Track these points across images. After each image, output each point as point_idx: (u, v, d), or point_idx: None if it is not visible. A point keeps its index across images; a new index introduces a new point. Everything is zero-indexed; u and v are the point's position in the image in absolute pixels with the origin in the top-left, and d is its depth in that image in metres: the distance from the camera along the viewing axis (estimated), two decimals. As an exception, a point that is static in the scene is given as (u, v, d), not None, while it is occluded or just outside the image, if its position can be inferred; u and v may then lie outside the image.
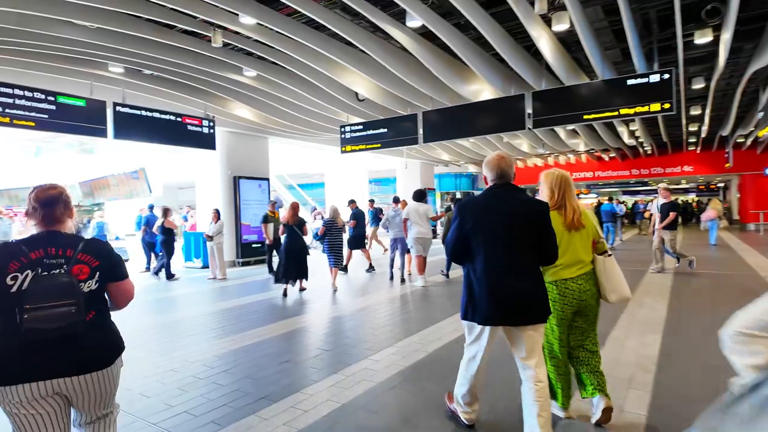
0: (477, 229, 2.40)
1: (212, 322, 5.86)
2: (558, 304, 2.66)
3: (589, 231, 2.71)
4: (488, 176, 2.54)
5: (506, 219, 2.39)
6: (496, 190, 2.50)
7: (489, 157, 2.55)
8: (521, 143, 17.30)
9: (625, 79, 7.33)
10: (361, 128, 10.32)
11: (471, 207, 2.49)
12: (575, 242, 2.66)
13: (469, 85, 9.16)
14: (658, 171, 22.99)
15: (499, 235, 2.37)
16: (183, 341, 4.93)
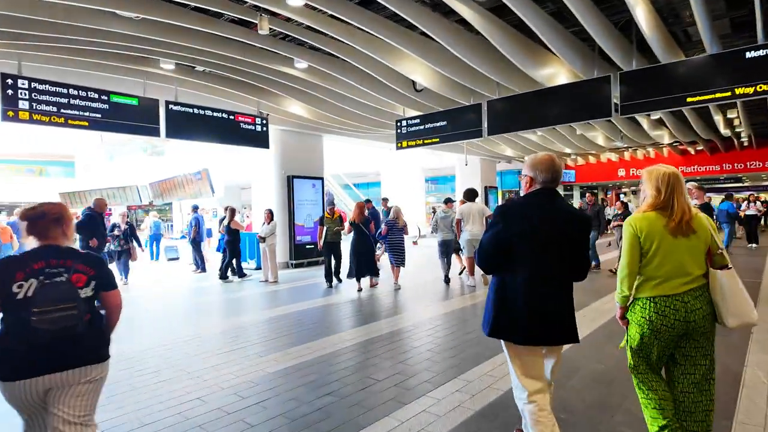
0: (525, 236, 2.17)
1: (256, 334, 5.34)
2: (655, 326, 2.17)
3: (702, 239, 2.21)
4: (537, 177, 2.26)
5: (559, 227, 2.20)
6: (545, 194, 2.25)
7: (540, 155, 2.28)
8: (596, 135, 15.71)
9: (743, 51, 5.99)
10: (419, 122, 9.54)
11: (518, 211, 2.25)
12: (681, 250, 2.18)
13: (543, 68, 8.08)
14: (755, 165, 20.26)
15: (548, 244, 2.17)
16: (219, 359, 4.41)
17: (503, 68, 8.11)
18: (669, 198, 2.22)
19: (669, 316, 2.16)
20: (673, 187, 2.23)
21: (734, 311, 2.18)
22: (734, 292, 2.19)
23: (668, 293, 2.17)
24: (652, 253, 2.20)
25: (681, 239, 2.17)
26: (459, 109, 9.07)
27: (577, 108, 7.52)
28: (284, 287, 8.64)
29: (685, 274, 2.18)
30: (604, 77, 7.13)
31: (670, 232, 2.17)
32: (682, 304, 2.15)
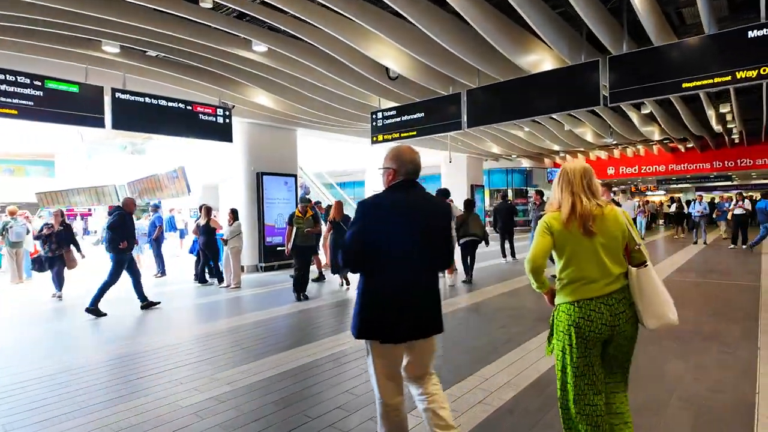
0: (391, 230, 2.11)
1: (209, 348, 4.62)
2: (583, 331, 2.04)
3: (615, 236, 2.08)
4: (400, 169, 2.20)
5: (423, 219, 2.17)
6: (408, 186, 2.20)
7: (401, 147, 2.24)
8: (585, 132, 15.15)
9: (745, 30, 5.38)
10: (395, 113, 8.85)
11: (381, 205, 2.17)
12: (598, 250, 2.05)
13: (527, 54, 7.44)
14: (745, 163, 19.91)
15: (414, 237, 2.13)
16: (163, 379, 3.70)
17: (484, 54, 7.46)
18: (569, 205, 2.07)
19: (595, 320, 2.03)
20: (563, 186, 2.12)
21: (652, 312, 2.06)
22: (652, 291, 2.06)
23: (592, 296, 2.04)
24: (569, 254, 2.08)
25: (596, 238, 2.04)
26: (437, 99, 8.40)
27: (564, 97, 6.88)
28: (248, 293, 7.91)
29: (607, 274, 2.05)
30: (592, 62, 6.50)
31: (582, 232, 2.04)
32: (607, 307, 2.04)
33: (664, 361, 3.87)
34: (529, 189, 26.54)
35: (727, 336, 4.52)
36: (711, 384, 3.35)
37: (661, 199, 31.65)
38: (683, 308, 5.76)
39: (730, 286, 7.18)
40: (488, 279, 8.47)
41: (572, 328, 2.05)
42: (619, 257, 2.10)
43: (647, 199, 19.32)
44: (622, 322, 2.06)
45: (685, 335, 4.59)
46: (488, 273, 9.19)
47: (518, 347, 4.29)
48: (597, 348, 2.07)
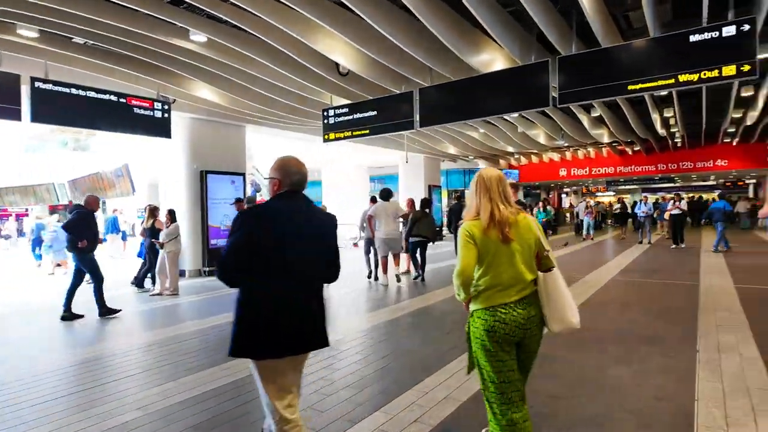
0: (274, 241, 2.01)
1: (128, 365, 4.17)
2: (498, 335, 2.08)
3: (529, 242, 2.15)
4: (284, 180, 2.14)
5: (309, 229, 2.12)
6: (293, 196, 2.14)
7: (287, 157, 2.19)
8: (538, 134, 15.41)
9: (687, 34, 5.45)
10: (347, 111, 8.56)
11: (265, 215, 2.08)
12: (515, 256, 2.10)
13: (479, 53, 7.35)
14: (687, 166, 20.95)
15: (300, 248, 2.07)
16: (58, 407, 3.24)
17: (436, 52, 7.30)
18: (488, 213, 2.09)
19: (510, 323, 2.08)
20: (480, 193, 2.14)
21: (558, 316, 2.14)
22: (558, 296, 2.15)
23: (506, 301, 2.09)
24: (489, 261, 2.09)
25: (513, 247, 2.09)
26: (390, 97, 8.18)
27: (514, 97, 6.81)
28: (185, 300, 7.40)
29: (521, 280, 2.11)
30: (542, 62, 6.45)
31: (500, 239, 2.08)
32: (521, 312, 2.09)
33: (608, 366, 3.79)
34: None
35: (668, 338, 4.52)
36: (653, 391, 3.28)
37: (610, 200, 33.00)
38: (628, 310, 5.82)
39: (671, 286, 7.35)
40: (440, 281, 8.33)
41: (488, 333, 2.08)
42: (532, 263, 2.17)
43: (593, 200, 19.87)
44: (533, 325, 2.13)
45: (629, 338, 4.57)
46: (442, 274, 9.07)
47: (463, 354, 4.11)
48: (513, 349, 2.13)
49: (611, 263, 10.02)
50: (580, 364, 3.86)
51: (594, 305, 6.09)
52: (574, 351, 4.20)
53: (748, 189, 32.21)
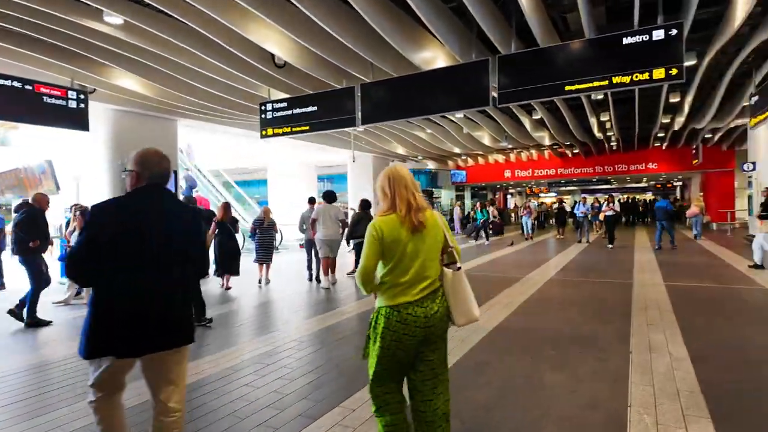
0: (129, 237, 1.95)
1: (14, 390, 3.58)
2: (398, 335, 2.07)
3: (436, 237, 2.16)
4: (143, 173, 2.06)
5: (169, 224, 2.05)
6: (153, 190, 2.07)
7: (147, 150, 2.12)
8: (482, 135, 15.63)
9: (620, 36, 5.54)
10: (285, 106, 8.15)
11: (119, 210, 2.00)
12: (421, 252, 2.10)
13: (421, 51, 7.20)
14: (622, 168, 22.11)
15: (158, 243, 2.00)
16: None
17: (377, 47, 7.08)
18: (406, 202, 2.11)
19: (411, 323, 2.07)
20: (395, 185, 2.14)
21: (462, 310, 2.19)
22: (463, 290, 2.20)
23: (411, 299, 2.08)
24: (397, 258, 2.08)
25: (420, 240, 2.10)
26: (330, 92, 7.86)
27: (455, 96, 6.69)
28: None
29: (426, 277, 2.12)
30: (482, 61, 6.38)
31: (410, 233, 2.08)
32: (422, 309, 2.09)
33: (542, 372, 3.68)
34: (434, 190, 27.16)
35: (603, 340, 4.51)
36: (587, 398, 3.18)
37: (552, 201, 34.32)
38: (565, 310, 5.83)
39: (606, 284, 7.53)
40: (384, 283, 8.11)
41: (387, 331, 2.07)
42: (437, 260, 2.18)
43: (537, 200, 20.46)
44: (435, 321, 2.12)
45: (565, 340, 4.51)
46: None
47: (397, 365, 3.86)
48: (410, 351, 2.11)
49: (551, 262, 10.22)
50: (513, 371, 3.72)
51: (532, 305, 6.07)
52: (508, 356, 4.08)
53: (676, 190, 34.51)
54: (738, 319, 5.26)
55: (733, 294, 6.57)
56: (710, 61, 8.47)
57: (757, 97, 9.28)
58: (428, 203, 2.20)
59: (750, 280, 7.43)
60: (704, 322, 5.07)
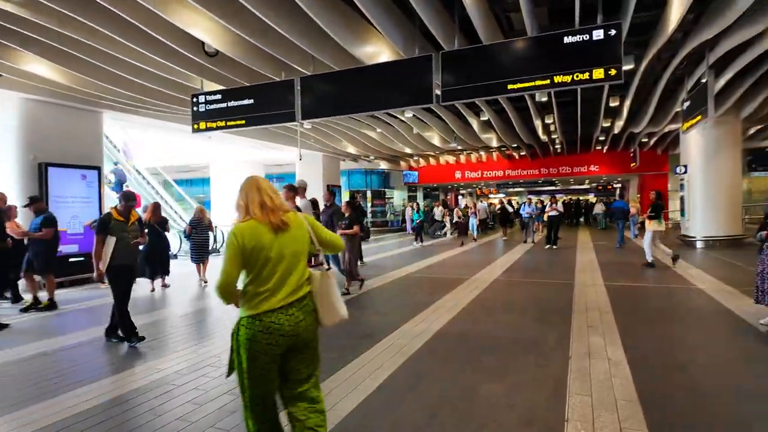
0: None
1: None
2: (261, 345, 1.97)
3: (303, 239, 2.12)
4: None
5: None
6: None
7: None
8: (432, 136, 15.56)
9: (562, 35, 5.47)
10: (220, 98, 7.59)
11: None
12: (286, 257, 2.03)
13: (363, 44, 6.89)
14: (566, 170, 22.85)
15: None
16: None
17: (318, 40, 6.70)
18: (258, 203, 2.05)
19: (274, 332, 1.99)
20: (247, 192, 2.09)
21: (329, 310, 2.15)
22: (332, 292, 2.17)
23: (275, 307, 2.01)
24: (260, 264, 2.00)
25: (284, 243, 2.04)
26: (268, 84, 7.38)
27: (399, 92, 6.42)
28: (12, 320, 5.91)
29: (291, 283, 2.06)
30: (426, 56, 6.15)
31: (273, 234, 2.02)
32: (287, 317, 2.02)
33: (480, 382, 3.46)
34: (386, 191, 27.00)
35: (544, 343, 4.38)
36: (525, 411, 2.98)
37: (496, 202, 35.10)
38: (507, 312, 5.71)
39: (549, 285, 7.54)
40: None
41: (251, 342, 1.98)
42: (304, 264, 2.12)
43: (481, 201, 20.74)
44: (301, 330, 2.06)
45: (505, 345, 4.35)
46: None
47: (322, 383, 3.53)
48: (276, 361, 2.03)
49: (497, 263, 10.23)
50: (450, 382, 3.48)
51: (476, 308, 5.92)
52: (446, 365, 3.84)
53: (615, 192, 36.23)
54: (672, 319, 5.33)
55: (668, 293, 6.72)
56: (647, 67, 8.72)
57: (688, 102, 9.69)
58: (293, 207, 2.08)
59: (684, 279, 7.68)
60: (641, 323, 5.08)
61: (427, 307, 5.96)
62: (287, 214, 2.09)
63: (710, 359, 3.89)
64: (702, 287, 6.86)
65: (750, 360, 3.87)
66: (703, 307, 5.72)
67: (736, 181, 12.41)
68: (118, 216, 4.74)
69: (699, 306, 5.83)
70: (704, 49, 8.09)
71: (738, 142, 12.43)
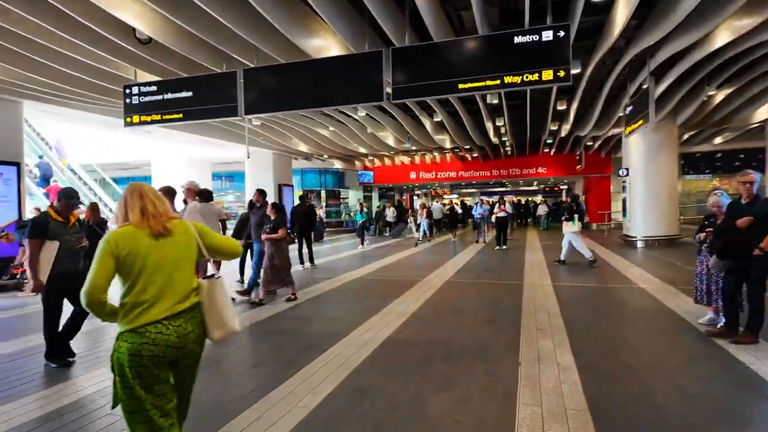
0: None
1: None
2: (144, 360, 1.81)
3: (188, 246, 2.01)
4: None
5: None
6: None
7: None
8: (387, 135, 15.40)
9: (512, 35, 5.41)
10: (155, 89, 7.03)
11: None
12: (168, 266, 1.92)
13: (311, 37, 6.58)
14: (515, 172, 23.37)
15: None
16: None
17: (262, 31, 6.34)
18: (138, 209, 1.94)
19: (161, 343, 1.84)
20: (127, 199, 1.98)
21: (219, 322, 2.03)
22: (222, 302, 2.06)
23: (158, 318, 1.86)
24: (136, 272, 1.86)
25: (165, 251, 1.92)
26: (209, 76, 6.91)
27: (349, 88, 6.17)
28: None
29: (177, 292, 1.93)
30: (376, 52, 5.93)
31: (152, 240, 1.90)
32: (174, 329, 1.88)
33: (427, 395, 3.26)
34: (341, 191, 26.64)
35: (493, 349, 4.27)
36: (473, 427, 2.80)
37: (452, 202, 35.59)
38: (458, 316, 5.57)
39: (499, 286, 7.52)
40: (278, 291, 7.37)
41: (134, 358, 1.81)
42: (191, 272, 2.01)
43: (437, 201, 20.81)
44: (189, 342, 1.95)
45: (455, 352, 4.19)
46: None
47: (259, 401, 3.22)
48: (164, 373, 1.89)
49: (449, 264, 10.18)
50: (395, 396, 3.27)
51: (426, 312, 5.76)
52: (392, 377, 3.62)
53: (562, 193, 37.63)
54: (617, 320, 5.40)
55: (613, 293, 6.86)
56: (592, 71, 8.94)
57: (631, 107, 10.04)
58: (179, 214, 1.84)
59: (627, 278, 7.89)
60: (588, 325, 5.09)
61: (377, 312, 5.73)
62: (172, 221, 1.98)
63: (655, 360, 3.90)
64: (644, 287, 7.05)
65: (692, 360, 3.91)
66: (647, 307, 5.84)
67: (673, 183, 13.07)
68: (57, 216, 4.07)
69: (642, 306, 5.95)
70: (645, 56, 8.37)
71: (675, 146, 13.10)
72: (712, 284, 4.68)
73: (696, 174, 29.17)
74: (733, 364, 3.74)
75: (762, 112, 13.53)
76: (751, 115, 13.68)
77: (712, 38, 7.17)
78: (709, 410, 2.98)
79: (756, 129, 16.46)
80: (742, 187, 4.29)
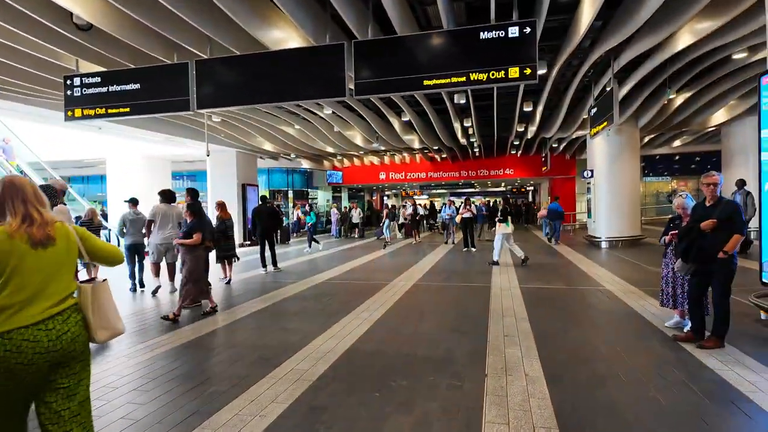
0: None
1: None
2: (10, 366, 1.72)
3: (69, 250, 1.96)
4: None
5: None
6: None
7: None
8: (354, 135, 15.10)
9: (478, 30, 5.23)
10: (99, 81, 6.49)
11: None
12: (44, 269, 1.85)
13: (269, 28, 6.23)
14: (483, 173, 23.53)
15: None
16: None
17: (218, 21, 5.93)
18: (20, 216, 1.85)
19: (27, 351, 1.75)
20: (11, 195, 1.88)
21: (104, 324, 2.01)
22: (107, 304, 2.04)
23: (28, 323, 1.78)
24: (6, 276, 1.78)
25: (42, 254, 1.85)
26: (158, 67, 6.44)
27: (310, 82, 5.85)
28: None
29: (51, 295, 1.86)
30: (337, 45, 5.64)
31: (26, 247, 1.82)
32: (46, 333, 1.80)
33: (387, 415, 2.99)
34: (309, 191, 26.13)
35: (459, 359, 4.04)
36: (434, 450, 2.55)
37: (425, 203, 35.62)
38: (424, 322, 5.33)
39: (467, 289, 7.36)
40: (236, 297, 6.96)
41: None
42: (70, 275, 1.97)
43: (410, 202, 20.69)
44: (65, 342, 1.86)
45: (419, 363, 3.95)
46: (241, 288, 7.70)
47: (199, 426, 2.87)
48: (29, 384, 1.80)
49: (416, 266, 9.97)
50: (354, 416, 2.99)
51: (391, 318, 5.51)
52: (352, 394, 3.34)
53: (528, 194, 38.28)
54: (584, 323, 5.29)
55: (579, 295, 6.79)
56: (558, 73, 8.92)
57: (595, 108, 10.11)
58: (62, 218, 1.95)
59: (593, 280, 7.87)
60: (556, 330, 4.94)
61: (340, 320, 5.44)
62: (53, 226, 1.91)
63: (623, 367, 3.76)
64: (609, 288, 7.03)
65: (660, 366, 3.80)
66: (613, 310, 5.77)
67: (635, 185, 13.32)
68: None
69: (608, 309, 5.88)
70: (610, 58, 8.41)
71: (637, 148, 13.35)
72: (678, 287, 4.62)
73: (655, 176, 30.21)
74: (701, 371, 3.65)
75: (718, 116, 13.98)
76: (708, 119, 14.12)
77: (674, 41, 7.24)
78: (679, 421, 2.83)
79: (712, 132, 17.08)
80: (705, 188, 4.23)
